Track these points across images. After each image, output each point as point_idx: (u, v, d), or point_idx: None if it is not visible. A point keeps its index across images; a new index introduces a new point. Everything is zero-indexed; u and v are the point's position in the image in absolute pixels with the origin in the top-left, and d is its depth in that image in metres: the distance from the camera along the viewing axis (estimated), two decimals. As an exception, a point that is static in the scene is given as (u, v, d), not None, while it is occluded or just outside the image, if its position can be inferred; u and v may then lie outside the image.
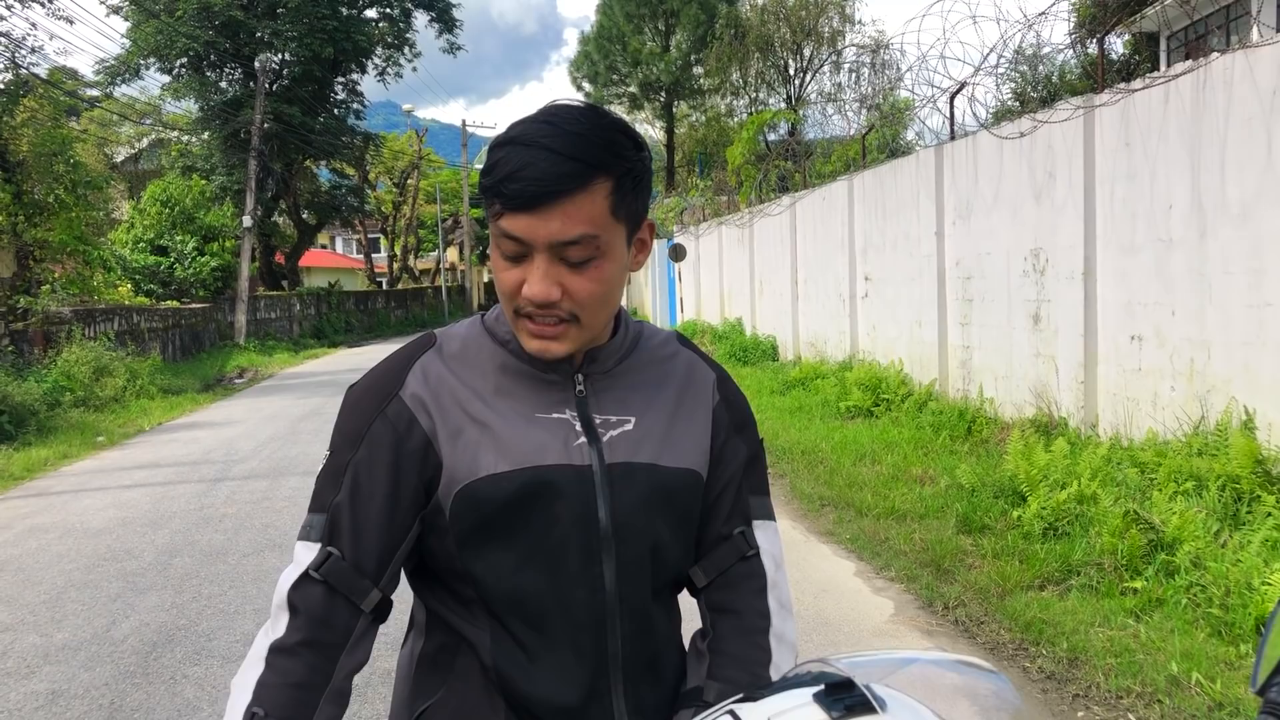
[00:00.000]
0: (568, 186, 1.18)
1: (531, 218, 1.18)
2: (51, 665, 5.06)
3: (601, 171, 1.20)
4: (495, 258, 1.26)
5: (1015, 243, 8.94)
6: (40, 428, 13.04)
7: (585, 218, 1.20)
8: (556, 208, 1.18)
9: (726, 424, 1.43)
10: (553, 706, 1.30)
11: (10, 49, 17.16)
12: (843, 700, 0.85)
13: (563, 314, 1.24)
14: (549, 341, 1.26)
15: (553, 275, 1.21)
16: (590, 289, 1.23)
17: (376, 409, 1.32)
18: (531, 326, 1.26)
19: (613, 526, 1.30)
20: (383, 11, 37.35)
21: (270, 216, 35.56)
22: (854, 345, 13.59)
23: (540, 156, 1.17)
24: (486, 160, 1.25)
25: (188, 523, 8.07)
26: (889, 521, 6.92)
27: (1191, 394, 6.69)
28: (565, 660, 1.30)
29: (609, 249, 1.24)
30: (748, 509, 1.43)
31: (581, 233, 1.20)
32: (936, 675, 0.97)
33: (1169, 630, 4.54)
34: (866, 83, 25.23)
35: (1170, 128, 6.87)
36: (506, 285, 1.25)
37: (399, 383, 1.33)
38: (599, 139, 1.21)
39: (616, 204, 1.22)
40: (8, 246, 17.67)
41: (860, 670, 0.89)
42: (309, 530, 1.31)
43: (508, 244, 1.22)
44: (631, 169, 1.24)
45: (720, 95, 40.73)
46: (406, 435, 1.29)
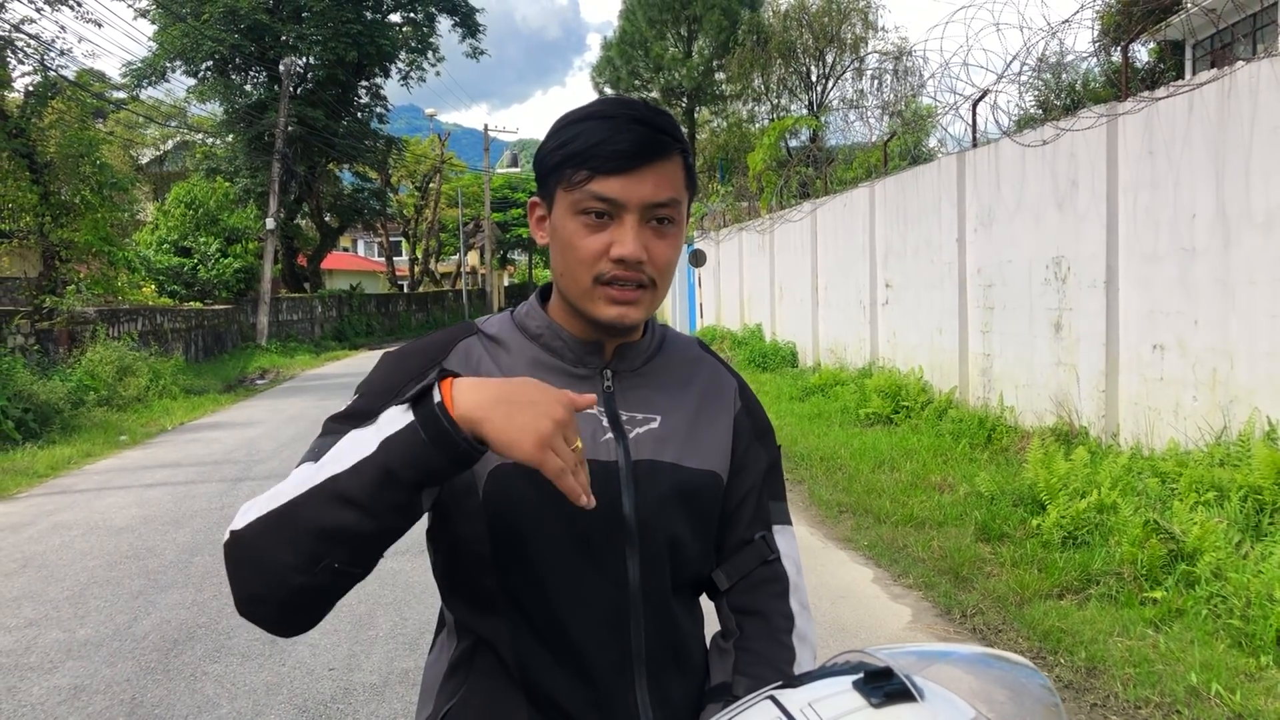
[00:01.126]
0: (659, 152, 1.27)
1: (625, 180, 1.26)
2: (74, 660, 5.12)
3: (678, 145, 1.30)
4: (573, 229, 1.29)
5: (1037, 250, 8.90)
6: (64, 426, 13.16)
7: (670, 183, 1.29)
8: (649, 171, 1.27)
9: (748, 431, 1.47)
10: (576, 700, 1.31)
11: (40, 51, 17.34)
12: (882, 688, 0.86)
13: (644, 278, 1.30)
14: (628, 307, 1.30)
15: (641, 237, 1.28)
16: (669, 254, 1.31)
17: (417, 371, 1.32)
18: (614, 292, 1.29)
19: (636, 521, 1.32)
20: (406, 16, 37.54)
21: (293, 219, 35.80)
22: (874, 352, 13.56)
23: (629, 126, 1.27)
24: (557, 136, 1.30)
25: (209, 522, 8.13)
26: (907, 529, 6.90)
27: (1214, 404, 6.65)
28: (588, 653, 1.31)
29: (682, 218, 1.33)
30: (768, 514, 1.47)
31: (670, 196, 1.29)
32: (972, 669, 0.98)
33: (1189, 641, 4.51)
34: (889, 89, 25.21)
35: (1195, 136, 6.83)
36: (590, 250, 1.28)
37: (442, 355, 1.36)
38: (667, 118, 1.31)
39: (687, 177, 1.33)
40: (35, 247, 17.85)
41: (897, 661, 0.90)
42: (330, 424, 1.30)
43: (597, 207, 1.27)
44: (689, 149, 1.34)
45: (742, 101, 40.68)
46: None
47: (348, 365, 26.23)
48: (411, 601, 5.85)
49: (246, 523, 1.13)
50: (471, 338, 1.39)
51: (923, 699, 0.85)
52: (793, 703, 0.88)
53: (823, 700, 0.87)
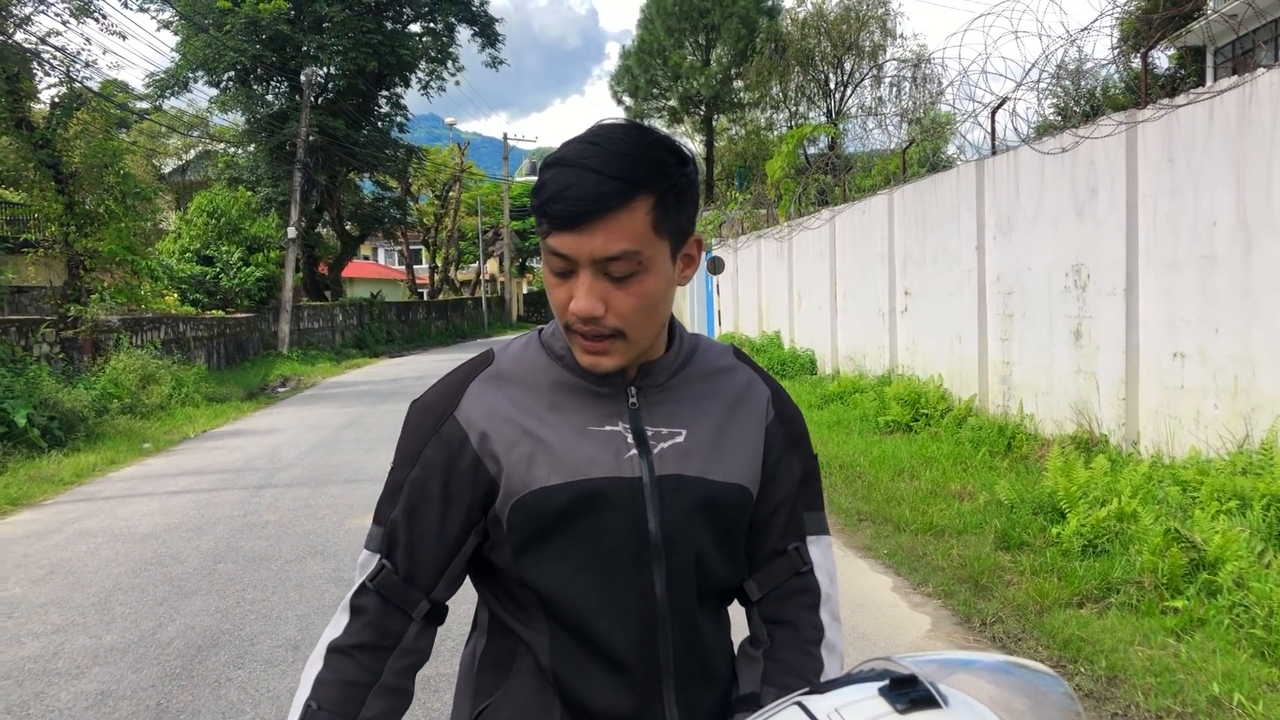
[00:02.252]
0: (609, 205, 1.22)
1: (575, 235, 1.23)
2: (100, 666, 5.17)
3: (643, 189, 1.24)
4: (546, 275, 1.31)
5: (1056, 258, 8.89)
6: (89, 434, 13.28)
7: (626, 234, 1.24)
8: (599, 225, 1.22)
9: (781, 440, 1.47)
10: (607, 712, 1.34)
11: (65, 63, 17.54)
12: (907, 694, 0.88)
13: (606, 329, 1.28)
14: (599, 357, 1.31)
15: (597, 291, 1.25)
16: (632, 304, 1.27)
17: (432, 429, 1.39)
18: (583, 342, 1.31)
19: (663, 536, 1.34)
20: (426, 26, 37.74)
21: (314, 227, 36.01)
22: (893, 360, 13.54)
23: (583, 177, 1.22)
24: (538, 180, 1.30)
25: (232, 529, 8.20)
26: (927, 537, 6.89)
27: (1235, 412, 6.62)
28: (619, 666, 1.34)
29: (651, 264, 1.27)
30: (802, 525, 1.47)
31: (623, 249, 1.24)
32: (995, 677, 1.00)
33: (1210, 650, 4.50)
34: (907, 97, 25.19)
35: (1215, 143, 6.82)
36: (557, 302, 1.30)
37: (454, 403, 1.39)
38: (642, 157, 1.25)
39: (659, 220, 1.26)
40: (60, 256, 18.03)
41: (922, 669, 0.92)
42: (370, 540, 1.40)
43: (555, 261, 1.27)
44: (675, 185, 1.27)
45: (760, 109, 40.74)
46: (459, 455, 1.36)
47: (368, 373, 26.36)
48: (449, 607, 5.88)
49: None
50: (484, 377, 1.41)
51: (947, 706, 0.87)
52: (819, 709, 0.91)
53: (849, 706, 0.90)
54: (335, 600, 6.15)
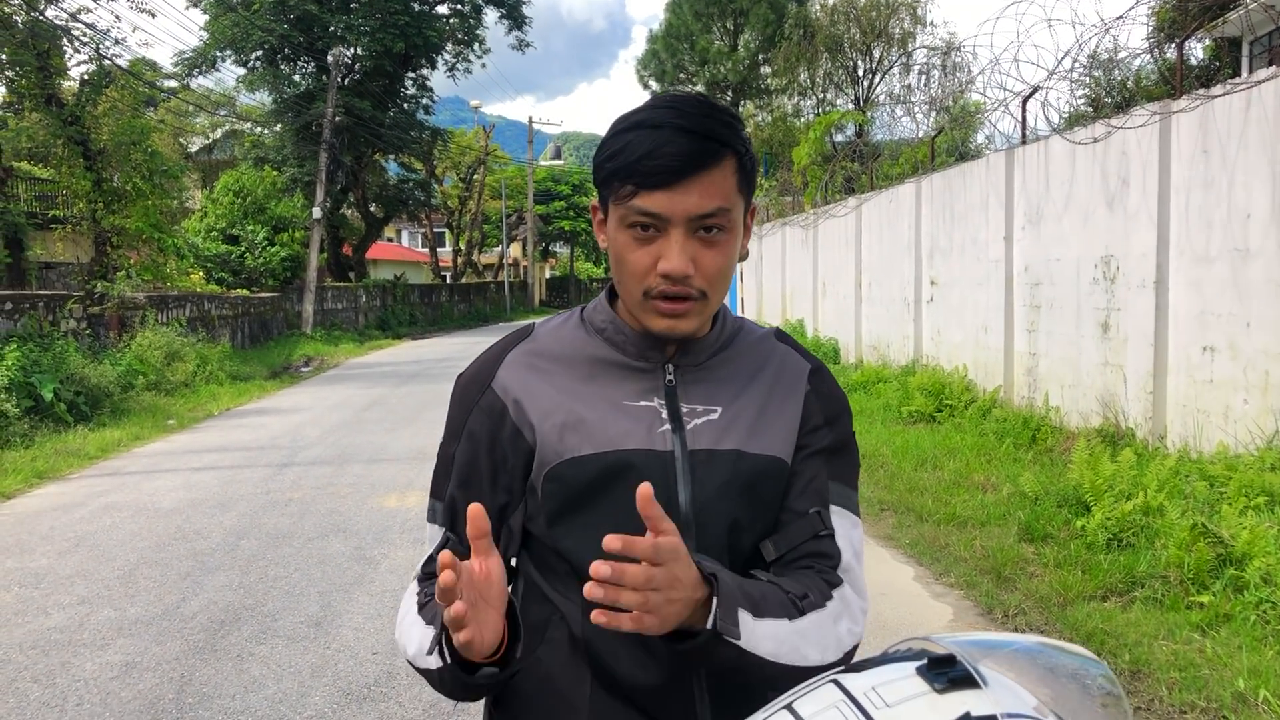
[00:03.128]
0: (705, 162, 1.25)
1: (670, 193, 1.24)
2: (125, 638, 5.22)
3: (729, 149, 1.27)
4: (623, 242, 1.30)
5: (1086, 250, 8.81)
6: (114, 409, 13.39)
7: (719, 192, 1.26)
8: (694, 182, 1.24)
9: (817, 413, 1.45)
10: (635, 684, 1.34)
11: (95, 40, 17.63)
12: (945, 674, 0.87)
13: (694, 290, 1.29)
14: (677, 320, 1.30)
15: (688, 250, 1.27)
16: (720, 263, 1.29)
17: (473, 401, 1.41)
18: (663, 306, 1.29)
19: (693, 511, 1.33)
20: (454, 8, 37.77)
21: (339, 208, 36.15)
22: (917, 350, 13.47)
23: (674, 136, 1.24)
24: (607, 147, 1.30)
25: (254, 506, 8.25)
26: (949, 528, 6.86)
27: (1265, 407, 6.55)
28: (650, 641, 1.30)
29: (734, 225, 1.31)
30: (825, 492, 1.41)
31: (717, 206, 1.26)
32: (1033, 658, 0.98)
33: (1236, 646, 4.46)
34: (936, 85, 24.98)
35: (1251, 135, 6.73)
36: (638, 265, 1.29)
37: (491, 375, 1.41)
38: (721, 119, 1.28)
39: (741, 180, 1.30)
40: (87, 233, 18.17)
41: (960, 649, 0.90)
42: (433, 514, 1.44)
43: (642, 221, 1.27)
44: (748, 149, 1.32)
45: (787, 95, 40.54)
46: (500, 424, 1.37)
47: (391, 355, 26.46)
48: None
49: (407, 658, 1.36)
50: (521, 348, 1.43)
51: (985, 686, 0.86)
52: (856, 686, 0.90)
53: (886, 685, 0.88)
54: (357, 578, 6.19)
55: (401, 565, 6.44)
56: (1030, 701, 0.87)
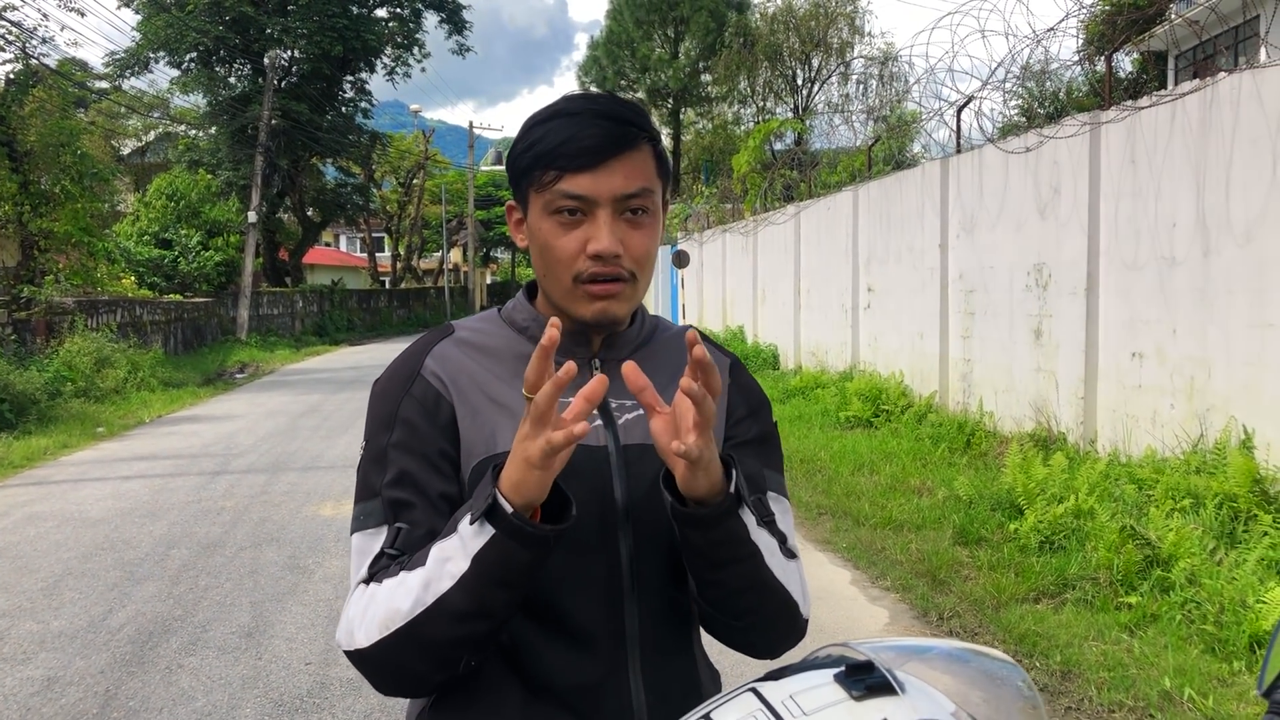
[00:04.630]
0: (625, 145, 1.28)
1: (594, 175, 1.26)
2: (47, 652, 5.08)
3: (645, 134, 1.31)
4: (548, 229, 1.30)
5: (1019, 257, 8.96)
6: (41, 417, 13.06)
7: (641, 173, 1.29)
8: (617, 164, 1.27)
9: (740, 404, 1.47)
10: (569, 684, 1.31)
11: (21, 39, 17.20)
12: (863, 681, 0.87)
13: (624, 270, 1.30)
14: (609, 301, 1.30)
15: (616, 230, 1.28)
16: (646, 244, 1.31)
17: (402, 390, 1.35)
18: (594, 289, 1.29)
19: (629, 506, 1.33)
20: (393, 11, 37.44)
21: (275, 213, 35.64)
22: (855, 356, 13.60)
23: (593, 119, 1.28)
24: (525, 138, 1.31)
25: (186, 515, 8.08)
26: (886, 531, 6.93)
27: (1191, 412, 6.70)
28: (583, 635, 1.31)
29: (657, 208, 1.33)
30: (763, 480, 1.43)
31: (641, 186, 1.29)
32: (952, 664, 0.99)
33: (1162, 646, 4.55)
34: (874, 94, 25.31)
35: (1176, 146, 6.89)
36: (565, 251, 1.29)
37: (419, 364, 1.37)
38: (632, 108, 1.33)
39: (658, 165, 1.33)
40: (13, 236, 17.71)
41: (880, 655, 0.90)
42: (365, 519, 1.31)
43: (568, 205, 1.28)
44: (658, 137, 1.35)
45: (728, 103, 40.84)
46: (435, 409, 1.33)
47: (328, 360, 26.13)
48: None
49: (371, 642, 1.22)
50: (446, 341, 1.40)
51: (903, 692, 0.86)
52: (774, 695, 0.89)
53: (804, 693, 0.88)
54: (290, 587, 6.08)
55: (336, 574, 6.34)
56: (948, 706, 0.87)
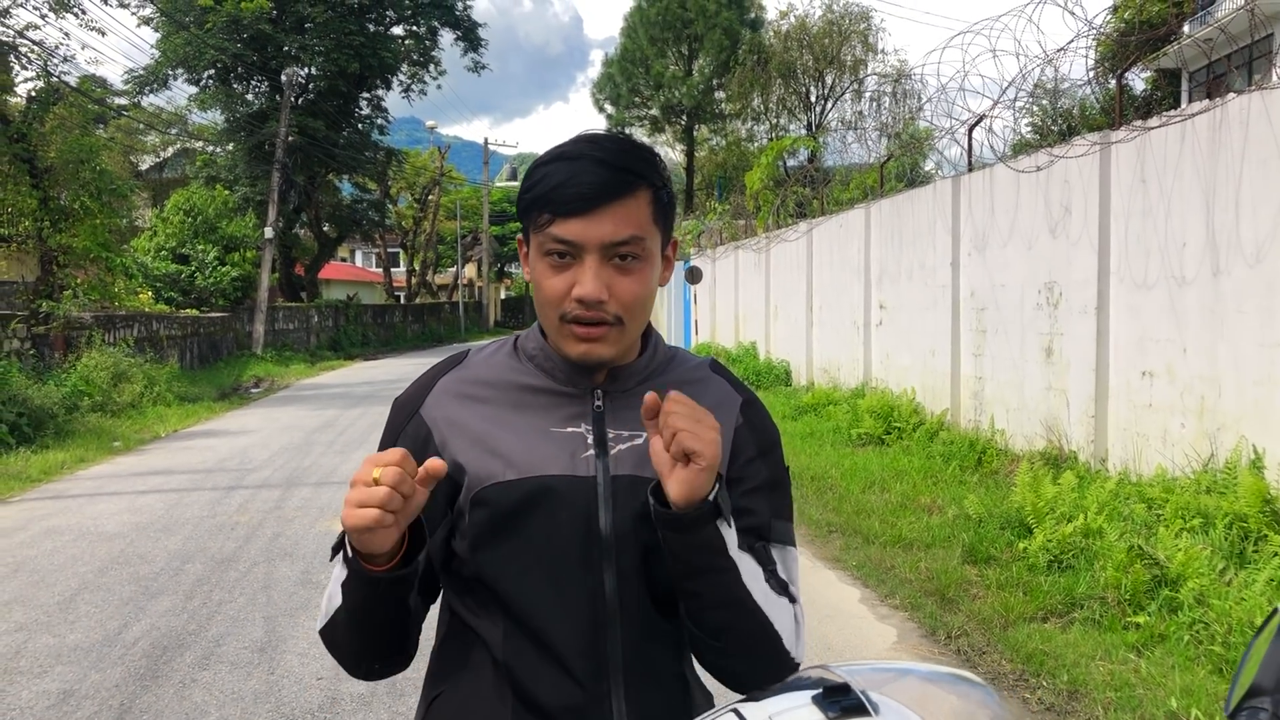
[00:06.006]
0: (618, 192, 1.30)
1: (584, 221, 1.29)
2: (63, 665, 5.14)
3: (643, 181, 1.33)
4: (541, 269, 1.34)
5: (1030, 275, 8.98)
6: (58, 431, 13.17)
7: (633, 221, 1.31)
8: (607, 211, 1.30)
9: (749, 446, 1.46)
10: (556, 705, 1.36)
11: (43, 57, 17.41)
12: (839, 703, 0.91)
13: (609, 315, 1.32)
14: (594, 344, 1.34)
15: (602, 276, 1.30)
16: (635, 290, 1.33)
17: (400, 426, 1.45)
18: (578, 330, 1.33)
19: (614, 536, 1.36)
20: (409, 29, 37.70)
21: (291, 228, 35.84)
22: (867, 372, 13.61)
23: (589, 166, 1.30)
24: (528, 179, 1.35)
25: (200, 529, 8.15)
26: (895, 550, 6.94)
27: (1201, 431, 6.70)
28: (569, 660, 1.35)
29: (650, 254, 1.35)
30: (766, 529, 1.42)
31: (631, 234, 1.31)
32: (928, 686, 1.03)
33: (1170, 666, 4.55)
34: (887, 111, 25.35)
35: (1186, 166, 6.91)
36: (554, 291, 1.33)
37: (420, 401, 1.44)
38: (638, 154, 1.34)
39: (656, 212, 1.35)
40: (33, 251, 17.88)
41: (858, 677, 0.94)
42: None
43: (558, 249, 1.31)
44: (665, 184, 1.37)
45: (741, 120, 40.95)
46: (423, 449, 1.38)
47: (343, 376, 26.23)
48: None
49: (319, 628, 1.42)
50: (455, 370, 1.47)
51: (877, 714, 0.89)
52: (754, 715, 0.93)
53: (783, 714, 0.92)
54: (303, 602, 6.13)
55: (349, 589, 6.38)
56: None
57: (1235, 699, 0.99)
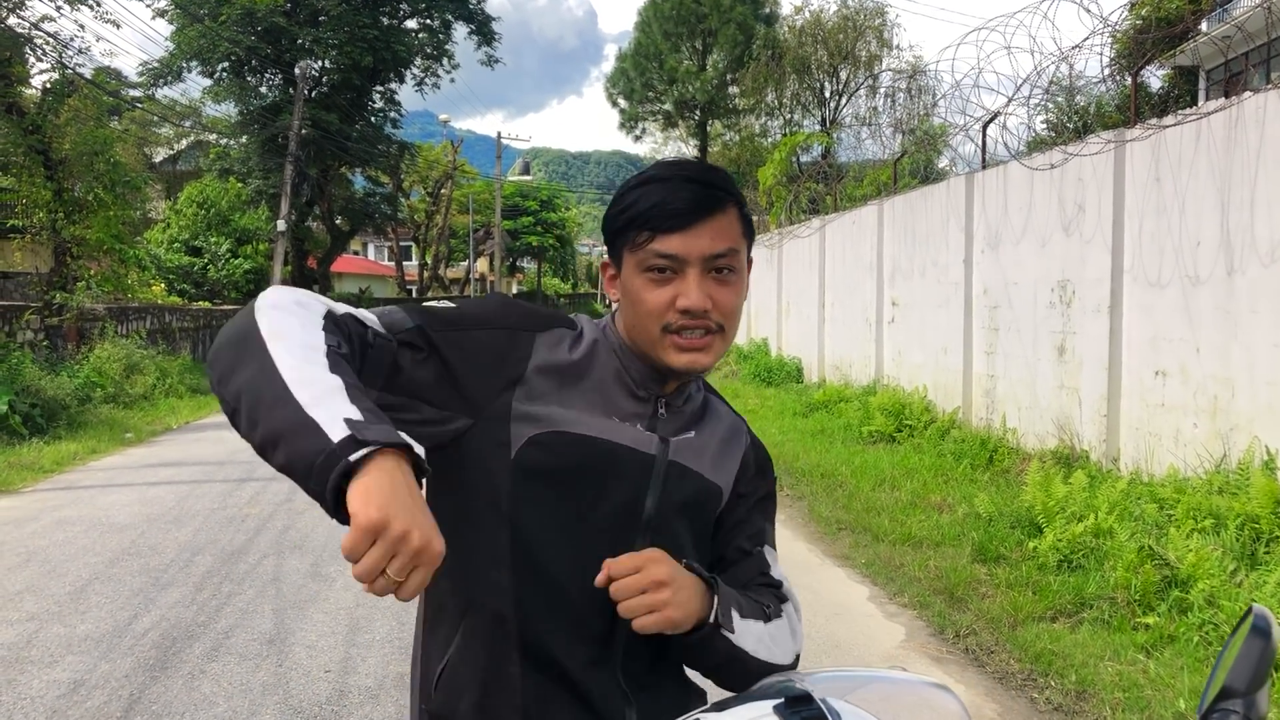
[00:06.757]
0: (713, 208, 1.38)
1: (684, 236, 1.37)
2: (74, 655, 5.16)
3: (731, 197, 1.42)
4: (640, 284, 1.39)
5: (1043, 273, 8.94)
6: (70, 422, 13.23)
7: (728, 234, 1.40)
8: (705, 225, 1.37)
9: (753, 463, 1.61)
10: (564, 663, 1.40)
11: (58, 49, 17.47)
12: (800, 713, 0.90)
13: (711, 324, 1.40)
14: (697, 354, 1.41)
15: (704, 287, 1.38)
16: (732, 300, 1.41)
17: (512, 327, 1.43)
18: (681, 340, 1.40)
19: (654, 518, 1.44)
20: (423, 22, 37.69)
21: (304, 221, 35.91)
22: (879, 370, 13.59)
23: (682, 185, 1.38)
24: (619, 203, 1.43)
25: (211, 522, 8.18)
26: (905, 548, 6.92)
27: (1214, 431, 6.67)
28: (579, 622, 1.40)
29: (741, 266, 1.43)
30: (764, 534, 1.60)
31: (728, 246, 1.39)
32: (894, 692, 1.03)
33: (1179, 667, 4.53)
34: (901, 107, 25.27)
35: (1201, 164, 6.87)
36: (656, 304, 1.39)
37: (541, 329, 1.45)
38: (719, 174, 1.44)
39: (743, 227, 1.44)
40: (46, 243, 17.94)
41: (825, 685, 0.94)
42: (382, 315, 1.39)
43: (659, 264, 1.38)
44: (744, 200, 1.47)
45: (755, 115, 40.79)
46: (506, 360, 1.40)
47: (354, 368, 26.25)
48: (410, 608, 5.89)
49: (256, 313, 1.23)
50: (564, 328, 1.48)
51: None
52: None
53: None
54: (312, 595, 6.15)
55: (357, 584, 6.39)
56: None
57: (1208, 700, 0.99)
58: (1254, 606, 0.99)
